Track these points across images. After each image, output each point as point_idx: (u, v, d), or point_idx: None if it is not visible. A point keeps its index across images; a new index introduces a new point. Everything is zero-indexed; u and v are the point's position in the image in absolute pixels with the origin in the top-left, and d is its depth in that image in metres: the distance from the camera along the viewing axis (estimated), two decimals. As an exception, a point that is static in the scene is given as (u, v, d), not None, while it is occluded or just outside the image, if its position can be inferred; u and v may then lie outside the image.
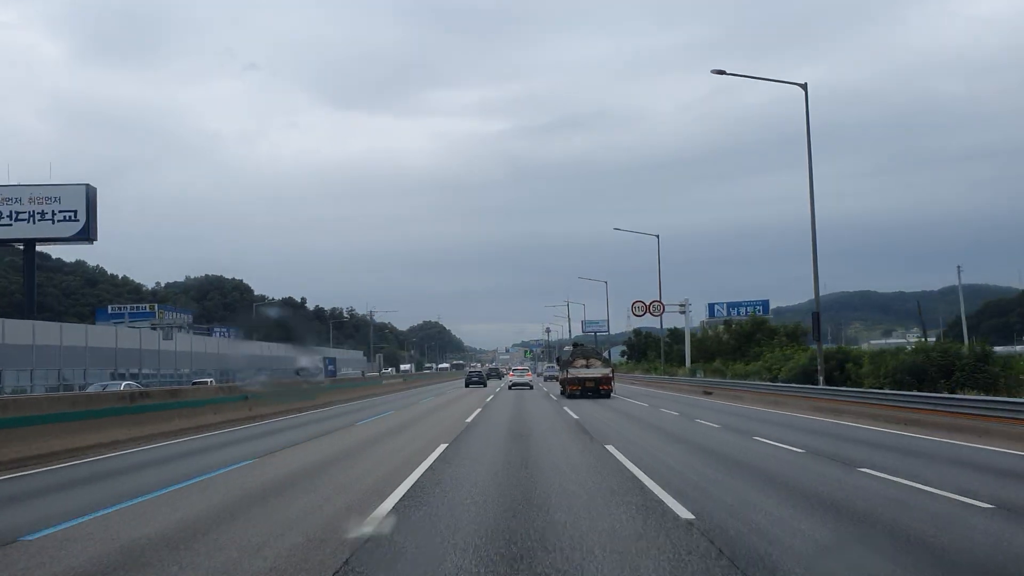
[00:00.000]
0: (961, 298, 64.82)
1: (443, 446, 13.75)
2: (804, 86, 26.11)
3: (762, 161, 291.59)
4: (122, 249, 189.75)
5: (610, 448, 13.10)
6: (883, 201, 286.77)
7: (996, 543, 6.25)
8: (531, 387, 48.73)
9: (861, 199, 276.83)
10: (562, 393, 36.74)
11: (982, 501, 7.91)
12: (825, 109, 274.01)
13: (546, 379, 67.54)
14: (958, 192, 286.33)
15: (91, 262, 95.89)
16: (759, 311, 68.17)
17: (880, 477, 9.68)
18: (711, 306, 76.33)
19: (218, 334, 55.81)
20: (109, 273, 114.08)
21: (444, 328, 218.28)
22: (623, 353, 69.08)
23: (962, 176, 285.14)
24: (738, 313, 70.06)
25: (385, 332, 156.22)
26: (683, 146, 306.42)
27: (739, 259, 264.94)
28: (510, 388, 47.76)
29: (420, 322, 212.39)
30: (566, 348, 46.88)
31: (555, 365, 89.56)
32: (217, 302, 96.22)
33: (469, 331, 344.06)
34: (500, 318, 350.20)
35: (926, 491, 8.63)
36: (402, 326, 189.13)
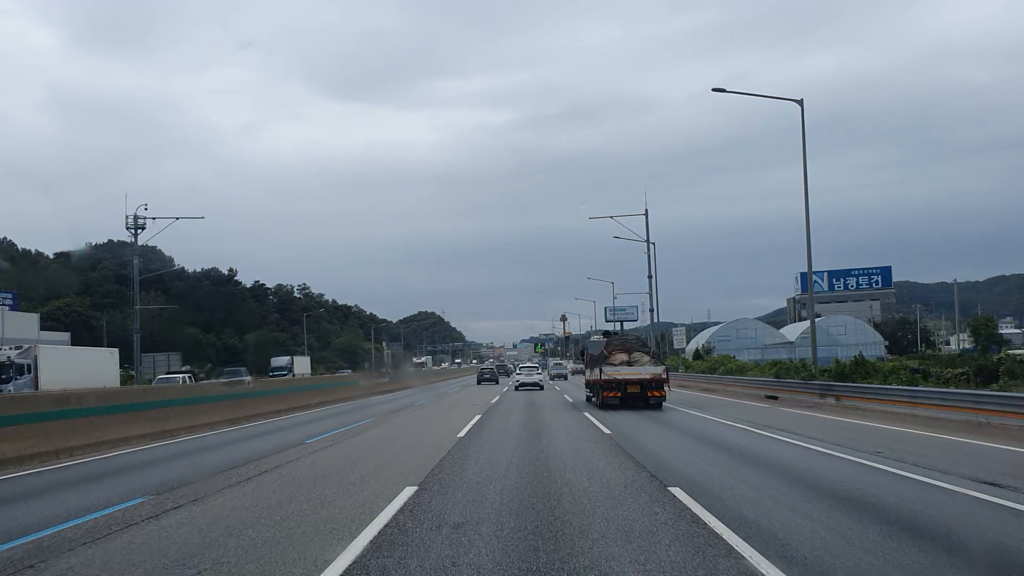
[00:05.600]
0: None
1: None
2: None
3: (778, 153, 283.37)
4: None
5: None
6: (905, 192, 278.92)
7: None
8: (542, 387, 45.52)
9: (882, 190, 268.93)
10: (589, 400, 28.71)
11: None
12: (843, 99, 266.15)
13: (552, 377, 64.08)
14: (982, 182, 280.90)
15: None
16: (876, 283, 56.88)
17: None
18: (804, 276, 64.42)
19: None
20: (21, 248, 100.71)
21: (441, 319, 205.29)
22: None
23: (985, 166, 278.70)
24: (846, 286, 58.86)
25: (348, 319, 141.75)
26: (695, 137, 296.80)
27: (755, 253, 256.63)
28: (517, 389, 44.33)
29: (414, 312, 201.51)
30: (594, 338, 35.07)
31: (562, 363, 79.23)
32: (107, 273, 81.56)
33: (475, 328, 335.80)
34: (507, 314, 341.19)
35: None
36: (394, 317, 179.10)
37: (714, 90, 28.59)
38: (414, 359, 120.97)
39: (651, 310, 51.85)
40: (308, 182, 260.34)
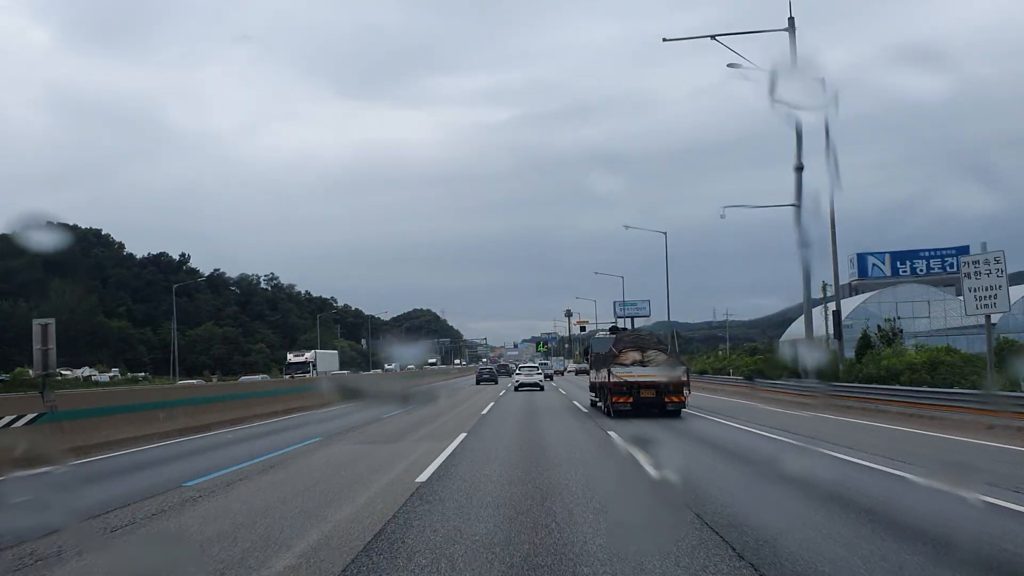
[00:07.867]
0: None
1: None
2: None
3: (786, 150, 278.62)
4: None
5: None
6: (910, 190, 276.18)
7: None
8: (542, 388, 46.99)
9: (888, 188, 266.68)
10: (594, 404, 25.85)
11: None
12: (847, 97, 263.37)
13: (544, 376, 64.69)
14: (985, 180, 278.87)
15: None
16: (951, 266, 52.27)
17: None
18: (861, 258, 57.44)
19: None
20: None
21: (437, 317, 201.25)
22: None
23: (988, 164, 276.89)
24: (915, 270, 54.35)
25: (324, 315, 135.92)
26: (698, 134, 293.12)
27: (760, 252, 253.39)
28: (516, 389, 45.24)
29: (409, 309, 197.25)
30: (600, 335, 31.20)
31: (548, 362, 78.58)
32: (35, 259, 75.04)
33: (476, 327, 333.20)
34: (508, 314, 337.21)
35: None
36: (388, 316, 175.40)
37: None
38: (291, 356, 66.88)
39: (801, 253, 27.22)
40: (306, 180, 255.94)
